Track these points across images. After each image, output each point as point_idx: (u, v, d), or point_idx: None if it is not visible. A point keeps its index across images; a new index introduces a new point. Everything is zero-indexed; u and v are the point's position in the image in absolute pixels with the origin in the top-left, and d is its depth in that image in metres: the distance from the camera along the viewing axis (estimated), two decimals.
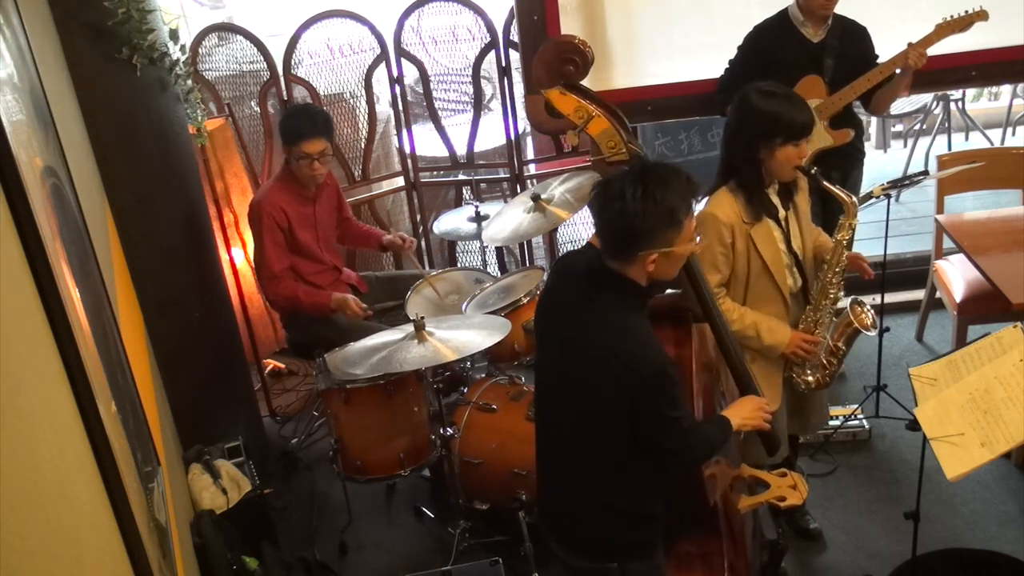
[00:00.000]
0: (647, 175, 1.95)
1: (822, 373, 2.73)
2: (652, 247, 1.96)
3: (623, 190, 1.93)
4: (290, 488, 3.67)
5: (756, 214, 2.56)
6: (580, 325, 2.06)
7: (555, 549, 2.24)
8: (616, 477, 2.09)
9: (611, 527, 2.12)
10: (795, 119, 2.46)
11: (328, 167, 3.47)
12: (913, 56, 3.19)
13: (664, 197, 1.92)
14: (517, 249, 4.69)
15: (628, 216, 1.93)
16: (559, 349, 2.13)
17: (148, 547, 1.48)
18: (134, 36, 2.82)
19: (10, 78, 1.42)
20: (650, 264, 1.98)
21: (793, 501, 2.32)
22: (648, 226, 1.94)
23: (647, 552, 2.16)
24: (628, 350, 1.98)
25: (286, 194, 3.44)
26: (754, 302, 2.65)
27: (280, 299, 3.50)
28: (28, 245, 1.18)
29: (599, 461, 2.08)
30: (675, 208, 1.94)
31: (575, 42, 2.38)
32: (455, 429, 3.13)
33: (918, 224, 5.05)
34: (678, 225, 1.96)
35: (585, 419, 2.07)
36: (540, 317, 2.22)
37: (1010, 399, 2.09)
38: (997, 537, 3.04)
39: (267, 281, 3.47)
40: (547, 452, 2.25)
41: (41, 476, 1.04)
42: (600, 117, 2.37)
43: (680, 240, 1.99)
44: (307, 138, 3.32)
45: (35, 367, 1.12)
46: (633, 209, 1.92)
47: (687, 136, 4.64)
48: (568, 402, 2.11)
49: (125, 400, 1.76)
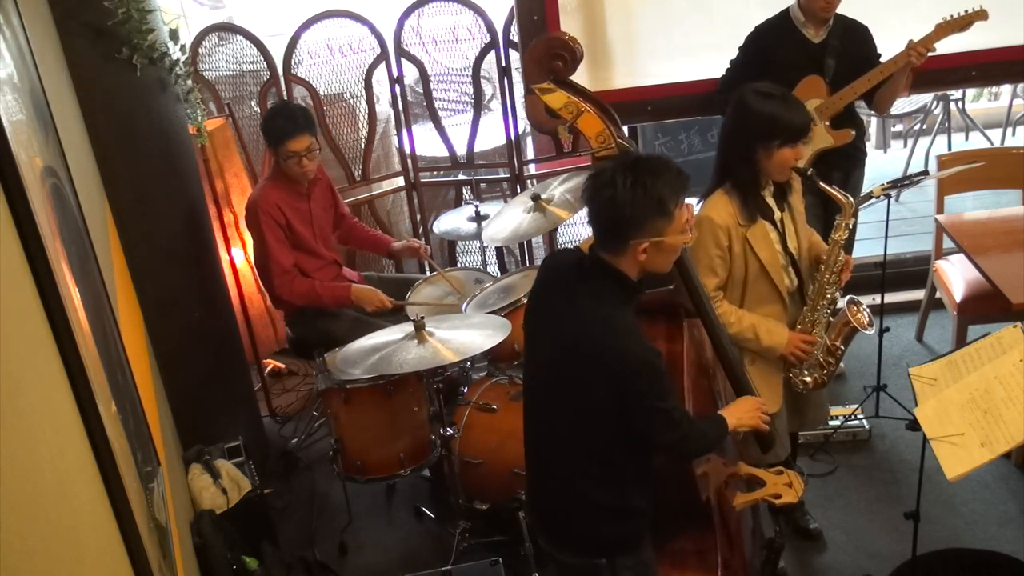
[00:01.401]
0: (638, 165, 1.98)
1: (820, 373, 2.73)
2: (642, 236, 1.98)
3: (613, 179, 1.96)
4: (290, 488, 3.67)
5: (751, 216, 2.56)
6: (565, 319, 2.07)
7: (544, 546, 2.26)
8: (602, 472, 2.10)
9: (598, 522, 2.14)
10: (793, 121, 2.46)
11: (317, 162, 3.46)
12: (914, 54, 3.19)
13: (654, 186, 1.95)
14: (517, 249, 4.69)
15: (618, 204, 1.96)
16: (546, 344, 2.14)
17: (148, 547, 1.48)
18: (134, 36, 2.82)
19: (10, 78, 1.42)
20: (641, 254, 2.00)
21: (788, 499, 2.32)
22: (637, 214, 1.96)
23: (634, 547, 2.18)
24: (612, 342, 1.99)
25: (280, 191, 3.43)
26: (752, 304, 2.65)
27: (297, 296, 3.45)
28: (28, 245, 1.18)
29: (585, 456, 2.10)
30: (665, 198, 1.96)
31: (564, 38, 2.40)
32: (455, 429, 3.13)
33: (918, 224, 5.05)
34: (668, 215, 1.98)
35: (571, 414, 2.08)
36: (528, 313, 2.24)
37: (1010, 399, 2.09)
38: (997, 537, 3.04)
39: (279, 279, 3.42)
40: (534, 448, 2.27)
41: (41, 476, 1.04)
42: (589, 112, 2.38)
43: (671, 231, 2.00)
44: (291, 136, 3.31)
45: (35, 367, 1.12)
46: (623, 197, 1.95)
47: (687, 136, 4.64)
48: (554, 397, 2.13)
49: (125, 400, 1.76)
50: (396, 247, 3.78)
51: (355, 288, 3.50)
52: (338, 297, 3.48)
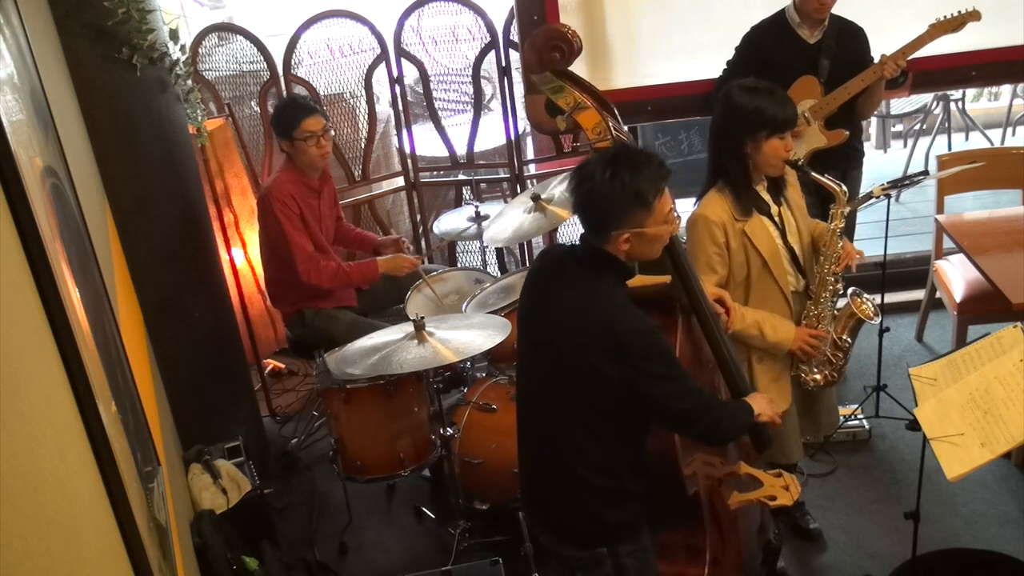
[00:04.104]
0: (617, 158, 2.02)
1: (829, 369, 2.73)
2: (623, 227, 2.01)
3: (594, 172, 2.01)
4: (290, 488, 3.67)
5: (745, 210, 2.56)
6: (565, 301, 2.10)
7: (544, 542, 2.27)
8: (598, 457, 2.11)
9: (598, 508, 2.15)
10: (778, 112, 2.49)
11: (331, 144, 3.49)
12: (889, 67, 3.21)
13: (632, 180, 1.98)
14: (517, 249, 4.69)
15: (596, 197, 2.01)
16: (543, 328, 2.15)
17: (148, 547, 1.48)
18: (134, 36, 2.83)
19: (10, 78, 1.42)
20: (624, 243, 2.03)
21: (783, 502, 2.32)
22: (616, 207, 2.00)
23: (634, 534, 2.20)
24: (611, 318, 2.02)
25: (294, 185, 3.44)
26: (756, 302, 2.65)
27: (326, 278, 3.44)
28: (28, 245, 1.18)
29: (584, 440, 2.11)
30: (643, 191, 1.99)
31: (564, 30, 2.41)
32: (455, 429, 3.13)
33: (918, 224, 5.05)
34: (647, 207, 2.01)
35: (571, 397, 2.10)
36: (522, 299, 2.26)
37: (1010, 399, 2.09)
38: (997, 537, 3.04)
39: (304, 265, 3.41)
40: (527, 440, 2.29)
41: (41, 476, 1.04)
42: (587, 104, 2.40)
43: (652, 222, 2.03)
44: (306, 116, 3.37)
45: (35, 367, 1.12)
46: (601, 190, 1.99)
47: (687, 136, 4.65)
48: (552, 381, 2.13)
49: (125, 400, 1.76)
50: (380, 242, 3.79)
51: (380, 260, 3.53)
52: (366, 272, 3.50)
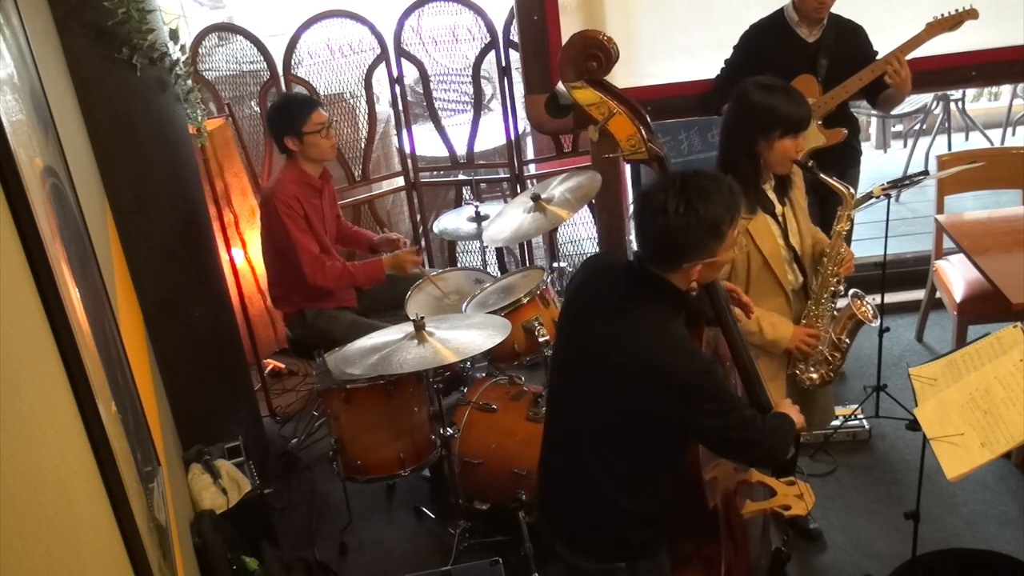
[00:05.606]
0: (688, 188, 1.91)
1: (826, 368, 2.73)
2: (697, 259, 1.95)
3: (665, 205, 1.90)
4: (290, 488, 3.67)
5: (751, 207, 2.56)
6: (616, 329, 2.02)
7: (560, 551, 2.22)
8: (636, 481, 2.07)
9: (621, 528, 2.11)
10: (793, 112, 2.48)
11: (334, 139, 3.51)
12: (892, 65, 3.19)
13: (708, 211, 1.89)
14: (517, 249, 4.69)
15: (672, 232, 1.91)
16: (588, 349, 2.08)
17: (148, 547, 1.48)
18: (134, 36, 2.82)
19: (10, 78, 1.42)
20: (695, 274, 1.98)
21: (797, 511, 2.30)
22: (692, 241, 1.92)
23: (654, 551, 2.17)
24: (672, 358, 1.95)
25: (296, 186, 3.44)
26: (756, 299, 2.64)
27: (331, 278, 3.45)
28: (28, 245, 1.18)
29: (615, 464, 2.06)
30: (719, 221, 1.91)
31: (600, 38, 2.35)
32: (455, 429, 3.13)
33: (918, 224, 5.05)
34: (722, 237, 1.95)
35: (612, 422, 2.04)
36: (568, 310, 2.19)
37: (1010, 399, 2.09)
38: (997, 537, 3.04)
39: (310, 266, 3.40)
40: (555, 450, 2.23)
41: (41, 476, 1.04)
42: (621, 114, 2.34)
43: (723, 250, 1.98)
44: (314, 109, 3.39)
45: (35, 367, 1.12)
46: (676, 225, 1.89)
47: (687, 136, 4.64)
48: (592, 403, 2.07)
49: (125, 400, 1.76)
50: (376, 240, 3.79)
51: (385, 259, 3.52)
52: (371, 272, 3.50)
